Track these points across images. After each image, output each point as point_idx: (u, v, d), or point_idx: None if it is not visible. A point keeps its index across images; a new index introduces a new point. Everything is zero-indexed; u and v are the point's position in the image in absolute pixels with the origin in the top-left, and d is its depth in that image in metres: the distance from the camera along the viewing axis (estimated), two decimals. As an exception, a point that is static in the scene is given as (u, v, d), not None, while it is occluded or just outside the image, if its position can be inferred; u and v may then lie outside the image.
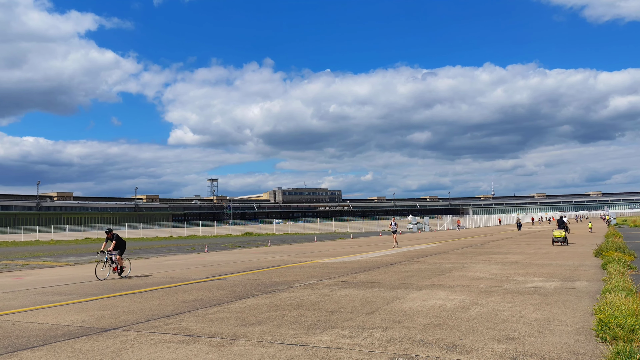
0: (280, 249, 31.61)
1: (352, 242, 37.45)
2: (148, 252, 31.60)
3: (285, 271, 17.39)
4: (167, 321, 9.00)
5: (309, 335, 7.63)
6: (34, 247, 45.20)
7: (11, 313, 10.27)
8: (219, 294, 12.18)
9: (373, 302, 10.52)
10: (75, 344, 7.47)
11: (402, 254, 23.93)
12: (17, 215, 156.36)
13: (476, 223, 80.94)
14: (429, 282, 13.55)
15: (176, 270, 19.01)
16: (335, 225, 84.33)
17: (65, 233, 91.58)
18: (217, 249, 33.01)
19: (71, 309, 10.55)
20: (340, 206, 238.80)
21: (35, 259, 28.52)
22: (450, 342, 7.03)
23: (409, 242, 35.46)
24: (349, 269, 17.66)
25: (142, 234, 79.78)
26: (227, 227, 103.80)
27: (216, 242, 44.42)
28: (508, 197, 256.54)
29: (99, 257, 18.09)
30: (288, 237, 52.26)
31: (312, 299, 11.03)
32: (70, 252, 35.35)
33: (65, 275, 18.21)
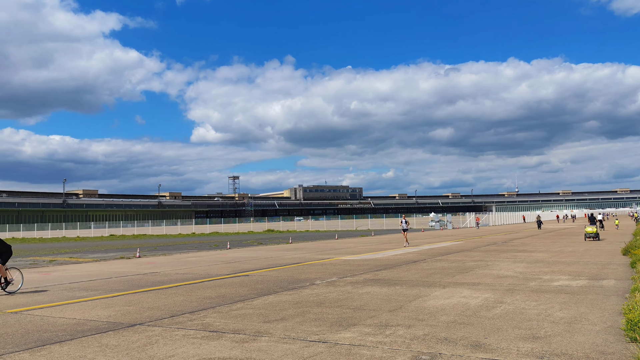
0: (302, 246, 31.69)
1: (374, 240, 37.34)
2: (171, 249, 31.99)
3: (306, 268, 17.42)
4: (191, 317, 9.09)
5: (332, 333, 7.62)
6: (60, 244, 46.13)
7: (40, 308, 10.50)
8: (242, 291, 12.26)
9: (396, 299, 10.47)
10: (101, 338, 7.59)
11: (425, 252, 23.77)
12: (44, 213, 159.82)
13: (500, 220, 79.92)
14: (452, 280, 13.42)
15: (199, 266, 19.20)
16: (357, 223, 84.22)
17: (90, 230, 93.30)
18: (239, 246, 33.25)
19: (97, 305, 10.74)
20: (361, 203, 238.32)
21: (62, 255, 29.11)
22: (474, 341, 6.95)
23: (431, 240, 35.20)
24: (370, 266, 17.60)
25: (165, 231, 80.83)
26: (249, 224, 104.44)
27: (238, 239, 44.74)
28: (532, 194, 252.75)
29: None
30: (309, 235, 52.36)
31: (334, 296, 11.02)
32: (96, 248, 35.99)
33: (91, 271, 18.54)
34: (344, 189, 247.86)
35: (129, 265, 20.45)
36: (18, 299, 11.79)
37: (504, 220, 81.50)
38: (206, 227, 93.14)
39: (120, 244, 42.92)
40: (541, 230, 48.86)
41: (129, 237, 60.39)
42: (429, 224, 65.84)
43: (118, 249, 33.60)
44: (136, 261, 22.78)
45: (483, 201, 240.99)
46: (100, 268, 19.73)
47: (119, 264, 21.32)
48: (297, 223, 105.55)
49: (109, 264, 21.82)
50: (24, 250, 36.20)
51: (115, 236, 66.18)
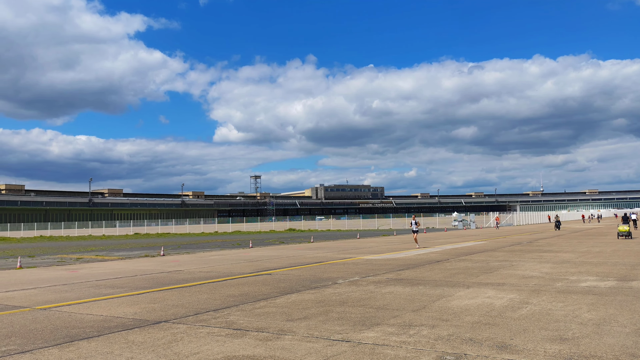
0: (323, 245, 31.70)
1: (396, 239, 37.15)
2: (195, 247, 32.32)
3: (328, 267, 17.42)
4: (215, 315, 9.16)
5: (355, 332, 7.60)
6: (86, 242, 47.01)
7: (68, 305, 10.71)
8: (265, 289, 12.32)
9: (419, 299, 10.39)
10: (128, 335, 7.71)
11: (448, 251, 23.56)
12: (71, 211, 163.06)
13: (524, 220, 78.72)
14: (476, 280, 13.27)
15: (222, 265, 19.36)
16: (378, 222, 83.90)
17: (115, 228, 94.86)
18: (261, 245, 33.43)
19: (123, 302, 10.91)
20: (382, 203, 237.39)
21: (89, 253, 29.65)
22: (500, 342, 6.86)
23: (454, 239, 34.87)
24: (393, 266, 17.52)
25: (188, 230, 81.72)
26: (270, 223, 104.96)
27: (260, 238, 44.98)
28: (558, 194, 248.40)
29: None
30: (330, 234, 52.36)
31: (357, 296, 11.00)
32: (121, 247, 36.58)
33: (117, 269, 18.85)
34: (366, 189, 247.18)
35: (154, 264, 20.73)
36: (47, 296, 12.06)
37: (528, 220, 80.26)
38: (228, 226, 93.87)
39: (144, 242, 43.55)
40: (560, 230, 46.68)
41: (153, 236, 61.22)
42: (452, 223, 65.21)
43: (143, 247, 34.09)
44: (160, 259, 23.08)
45: (507, 201, 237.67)
46: (125, 266, 20.03)
47: (143, 262, 21.62)
48: (318, 222, 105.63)
49: (134, 262, 22.15)
50: (51, 248, 37.00)
51: (140, 235, 67.15)
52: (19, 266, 20.36)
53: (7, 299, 11.74)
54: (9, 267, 20.45)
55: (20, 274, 17.74)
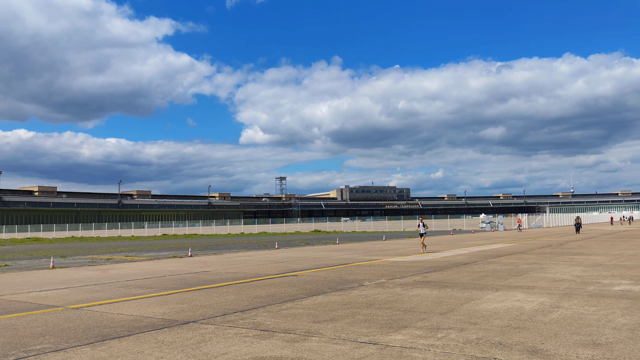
0: (349, 246, 31.65)
1: (422, 241, 36.79)
2: (221, 248, 32.64)
3: (355, 269, 17.38)
4: (242, 316, 9.24)
5: (382, 334, 7.56)
6: (116, 243, 47.92)
7: (99, 304, 10.93)
8: (291, 291, 12.36)
9: (447, 302, 10.28)
10: (157, 335, 7.83)
11: (475, 254, 23.25)
12: (101, 212, 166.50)
13: (553, 222, 77.16)
14: (505, 283, 13.06)
15: (249, 266, 19.50)
16: (404, 224, 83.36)
17: (144, 229, 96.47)
18: (286, 246, 33.55)
19: (153, 302, 11.08)
20: (408, 204, 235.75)
21: (118, 253, 30.22)
22: (530, 346, 6.74)
23: (482, 241, 34.40)
24: (420, 268, 17.37)
25: (215, 231, 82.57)
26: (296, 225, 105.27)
27: (285, 239, 45.16)
28: (589, 195, 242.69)
29: None
30: (356, 235, 52.22)
31: (384, 298, 10.94)
32: (150, 247, 37.18)
33: (146, 269, 19.16)
34: (391, 190, 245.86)
35: (182, 264, 21.01)
36: (79, 296, 12.33)
37: (558, 222, 78.64)
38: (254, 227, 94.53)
39: (172, 243, 44.16)
40: (580, 234, 42.93)
41: (181, 237, 62.05)
42: (479, 225, 64.27)
43: (171, 248, 34.59)
44: (188, 260, 23.38)
45: (536, 202, 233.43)
46: (154, 266, 20.35)
47: (172, 263, 21.93)
48: (343, 224, 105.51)
49: (162, 262, 22.48)
50: (82, 248, 37.83)
51: (168, 235, 68.14)
52: (52, 266, 20.88)
53: (41, 298, 12.05)
54: (43, 267, 20.99)
55: (53, 273, 18.19)
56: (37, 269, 20.48)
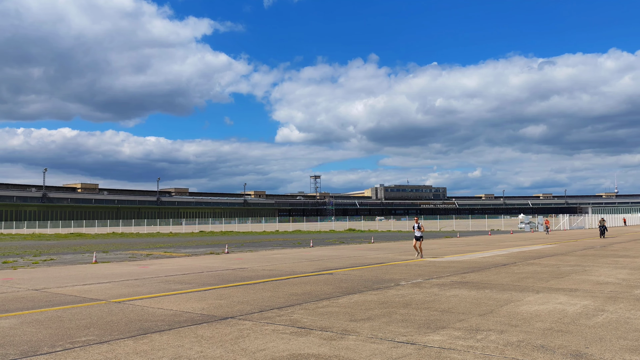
0: (384, 246, 31.47)
1: (459, 241, 36.31)
2: (257, 246, 32.97)
3: (390, 268, 17.27)
4: (279, 312, 9.30)
5: (420, 335, 7.49)
6: (155, 239, 49.04)
7: (140, 299, 11.21)
8: (327, 289, 12.38)
9: (486, 303, 10.10)
10: (197, 330, 7.97)
11: (514, 255, 22.76)
12: (141, 209, 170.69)
13: (596, 223, 74.73)
14: (546, 285, 12.74)
15: (284, 263, 19.63)
16: (440, 224, 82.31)
17: (182, 226, 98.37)
18: (321, 244, 33.62)
19: (191, 297, 11.28)
20: (444, 204, 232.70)
21: (157, 249, 30.92)
22: (574, 350, 6.55)
23: (521, 242, 33.64)
24: (457, 268, 17.13)
25: (250, 228, 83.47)
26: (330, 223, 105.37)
27: (320, 238, 45.26)
28: (634, 196, 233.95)
29: None
30: (391, 235, 51.88)
31: (421, 298, 10.83)
32: (187, 244, 37.88)
33: (184, 265, 19.53)
34: (427, 189, 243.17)
35: (219, 261, 21.32)
36: (121, 290, 12.68)
37: (601, 223, 76.06)
38: (289, 225, 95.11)
39: (209, 240, 44.87)
40: (604, 238, 37.16)
41: (217, 234, 62.98)
42: (518, 225, 62.86)
43: (208, 245, 35.15)
44: (225, 257, 23.71)
45: (578, 202, 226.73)
46: (192, 263, 20.73)
47: (209, 259, 22.29)
48: (378, 223, 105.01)
49: (200, 258, 22.87)
50: (123, 244, 38.87)
51: (205, 232, 69.28)
52: (95, 261, 21.53)
53: (84, 291, 12.44)
54: (86, 262, 21.66)
55: (96, 268, 18.75)
56: (81, 263, 21.15)
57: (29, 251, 30.38)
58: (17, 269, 18.50)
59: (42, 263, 21.26)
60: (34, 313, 9.55)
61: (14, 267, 19.51)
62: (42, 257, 24.61)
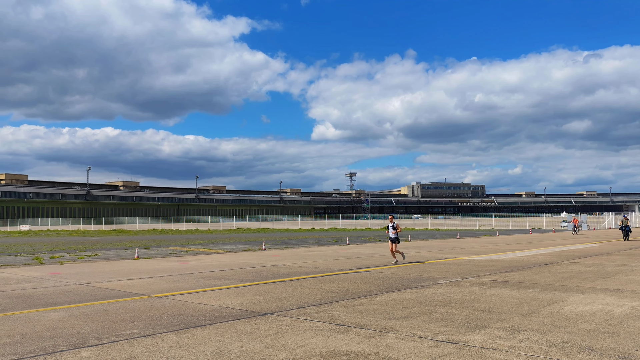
0: (421, 244, 31.16)
1: (499, 240, 35.59)
2: (293, 243, 33.18)
3: (428, 267, 17.08)
4: (317, 309, 9.34)
5: (460, 334, 7.39)
6: (194, 236, 49.96)
7: (181, 294, 11.45)
8: (364, 286, 12.35)
9: (528, 303, 9.87)
10: (237, 325, 8.09)
11: (557, 254, 22.16)
12: (180, 207, 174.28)
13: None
14: (591, 285, 12.35)
15: (321, 261, 19.68)
16: (479, 222, 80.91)
17: (220, 223, 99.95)
18: (357, 242, 33.55)
19: (231, 293, 11.46)
20: (483, 201, 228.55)
21: (197, 246, 31.50)
22: (622, 352, 6.33)
23: (564, 241, 32.71)
24: (497, 267, 16.80)
25: (286, 226, 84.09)
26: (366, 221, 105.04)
27: (356, 235, 45.16)
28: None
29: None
30: (428, 233, 51.32)
31: (460, 297, 10.68)
32: (225, 240, 38.45)
33: (223, 261, 19.83)
34: (465, 186, 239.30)
35: (256, 257, 21.56)
36: (162, 285, 12.98)
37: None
38: (325, 222, 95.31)
39: (246, 236, 45.43)
40: (629, 241, 31.64)
41: (254, 231, 63.69)
42: (561, 224, 61.16)
43: (245, 242, 35.59)
44: (262, 253, 23.95)
45: (624, 200, 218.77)
46: (230, 259, 21.03)
47: (247, 256, 22.57)
48: (415, 221, 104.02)
49: (238, 255, 23.18)
50: (164, 240, 39.76)
51: (242, 229, 70.18)
52: (137, 257, 22.11)
53: (128, 286, 12.80)
54: (128, 257, 22.27)
55: (138, 263, 19.25)
56: (124, 259, 21.76)
57: (74, 247, 31.46)
58: (64, 264, 19.19)
59: (87, 258, 21.98)
60: (80, 306, 9.89)
61: (61, 262, 20.24)
62: (87, 253, 25.44)
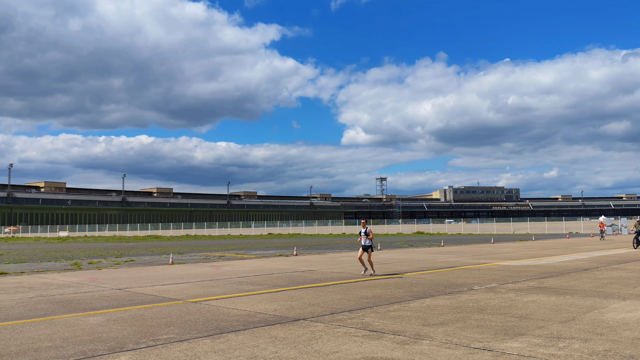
0: (454, 249, 30.72)
1: (535, 245, 34.80)
2: (324, 248, 33.17)
3: (462, 272, 16.83)
4: (350, 315, 9.30)
5: (497, 341, 7.24)
6: (226, 241, 50.52)
7: (215, 299, 11.58)
8: (397, 292, 12.24)
9: (567, 310, 9.61)
10: (270, 330, 8.12)
11: (596, 259, 21.52)
12: (212, 212, 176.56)
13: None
14: (633, 291, 11.94)
15: (352, 266, 19.61)
16: (514, 226, 79.28)
17: (251, 229, 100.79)
18: (389, 247, 33.32)
19: (264, 298, 11.52)
20: (518, 206, 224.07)
21: (229, 251, 31.83)
22: (670, 363, 6.09)
23: (603, 246, 31.75)
24: (534, 273, 16.42)
25: (317, 231, 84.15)
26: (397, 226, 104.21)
27: (387, 241, 44.85)
28: None
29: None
30: (461, 238, 50.57)
31: (496, 303, 10.47)
32: (257, 246, 38.74)
33: (255, 266, 19.98)
34: (499, 190, 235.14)
35: (288, 263, 21.64)
36: (196, 290, 13.15)
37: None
38: (355, 227, 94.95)
39: (277, 242, 45.68)
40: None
41: (285, 236, 63.96)
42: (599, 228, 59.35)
43: (276, 247, 35.78)
44: (294, 259, 24.03)
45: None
46: (262, 264, 21.17)
47: (278, 261, 22.68)
48: (447, 225, 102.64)
49: (269, 260, 23.32)
50: (197, 246, 40.33)
51: (273, 235, 70.58)
52: (171, 262, 22.48)
53: (163, 291, 13.02)
54: (163, 263, 22.67)
55: (173, 269, 19.57)
56: (158, 264, 22.15)
57: (111, 252, 32.22)
58: (101, 269, 19.67)
59: (124, 264, 22.47)
60: (118, 311, 10.10)
61: (98, 267, 20.75)
62: (123, 258, 26.00)
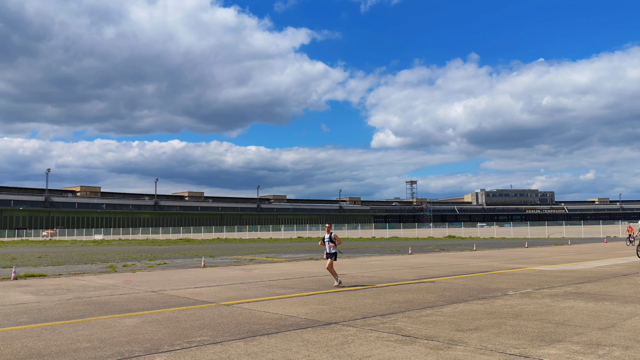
0: (487, 253, 30.21)
1: (571, 249, 33.93)
2: (354, 252, 33.06)
3: (496, 277, 16.53)
4: (382, 320, 9.24)
5: (534, 347, 7.08)
6: (256, 244, 50.88)
7: (247, 302, 11.67)
8: (429, 297, 12.11)
9: (606, 316, 9.33)
10: (302, 334, 8.14)
11: (636, 264, 20.84)
12: (242, 216, 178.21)
13: None
14: (676, 298, 11.52)
15: (383, 270, 19.50)
16: (549, 230, 77.53)
17: (281, 232, 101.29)
18: (420, 251, 33.00)
19: (295, 302, 11.55)
20: (552, 209, 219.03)
21: (260, 254, 32.05)
22: None
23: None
24: (570, 278, 16.01)
25: (346, 234, 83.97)
26: (429, 230, 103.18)
27: (418, 245, 44.44)
28: None
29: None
30: (494, 242, 49.70)
31: (532, 309, 10.25)
32: (287, 249, 38.89)
33: (285, 270, 20.06)
34: (533, 193, 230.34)
35: (318, 266, 21.65)
36: (228, 293, 13.28)
37: None
38: (385, 231, 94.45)
39: (307, 245, 45.75)
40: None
41: (315, 240, 64.04)
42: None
43: (306, 251, 35.84)
44: (323, 263, 23.98)
45: None
46: (293, 268, 21.24)
47: (308, 265, 22.71)
48: (479, 229, 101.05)
49: (299, 264, 23.38)
50: (228, 249, 40.74)
51: (302, 238, 70.74)
52: (203, 265, 22.77)
53: (196, 294, 13.19)
54: (195, 266, 22.98)
55: (205, 272, 19.82)
56: (191, 267, 22.47)
57: (144, 255, 32.83)
58: (135, 272, 20.06)
59: (157, 267, 22.87)
60: (153, 313, 10.28)
61: (133, 270, 21.17)
62: (157, 261, 26.46)
